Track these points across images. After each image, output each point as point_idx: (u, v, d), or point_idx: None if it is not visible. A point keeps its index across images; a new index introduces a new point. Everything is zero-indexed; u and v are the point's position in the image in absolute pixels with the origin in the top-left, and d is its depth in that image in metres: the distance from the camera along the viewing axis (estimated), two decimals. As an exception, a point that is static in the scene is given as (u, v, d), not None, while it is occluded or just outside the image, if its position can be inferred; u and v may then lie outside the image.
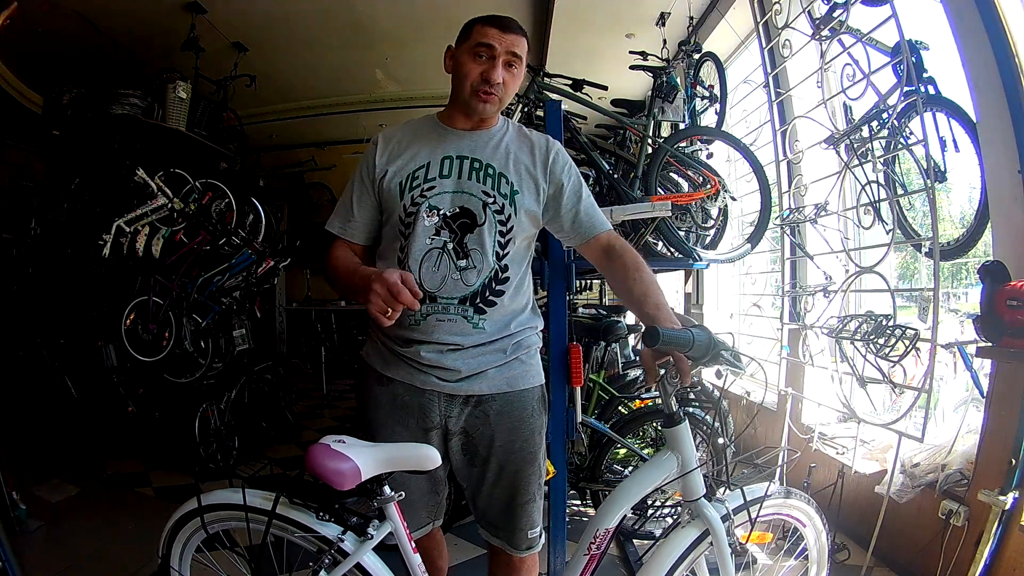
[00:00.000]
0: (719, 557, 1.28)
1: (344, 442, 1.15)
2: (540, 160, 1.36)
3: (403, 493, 1.21)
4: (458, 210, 1.29)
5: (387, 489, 1.19)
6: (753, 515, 1.31)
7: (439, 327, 1.27)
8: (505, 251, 1.31)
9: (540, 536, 1.42)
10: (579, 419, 1.84)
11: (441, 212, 1.28)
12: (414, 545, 1.25)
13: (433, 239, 1.27)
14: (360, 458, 1.12)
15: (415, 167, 1.32)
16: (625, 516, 1.35)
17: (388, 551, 1.24)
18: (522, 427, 1.35)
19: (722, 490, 1.36)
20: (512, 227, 1.31)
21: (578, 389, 1.80)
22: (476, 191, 1.30)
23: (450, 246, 1.27)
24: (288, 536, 1.24)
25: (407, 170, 1.32)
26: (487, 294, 1.29)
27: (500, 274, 1.30)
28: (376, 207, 1.37)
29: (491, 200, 1.29)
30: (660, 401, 1.28)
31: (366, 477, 1.13)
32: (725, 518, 1.29)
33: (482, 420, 1.33)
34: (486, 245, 1.28)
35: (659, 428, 1.88)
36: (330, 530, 1.20)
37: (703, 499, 1.28)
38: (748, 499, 1.33)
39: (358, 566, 1.20)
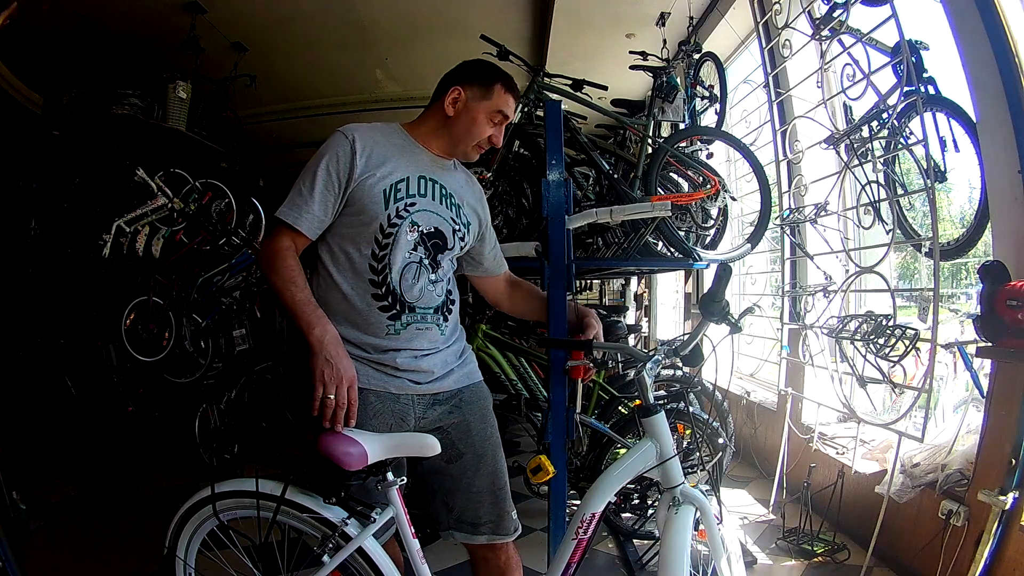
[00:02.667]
0: (710, 535, 1.33)
1: (353, 431, 1.24)
2: (479, 198, 1.52)
3: (405, 478, 1.28)
4: (432, 230, 1.37)
5: (391, 475, 1.25)
6: None
7: (418, 335, 1.34)
8: (454, 270, 1.46)
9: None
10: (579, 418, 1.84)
11: (420, 229, 1.35)
12: (414, 530, 1.29)
13: (412, 253, 1.34)
14: (368, 443, 1.20)
15: (397, 179, 1.33)
16: (609, 502, 1.42)
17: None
18: (488, 415, 1.46)
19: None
20: (462, 253, 1.47)
21: (579, 386, 1.80)
22: (447, 216, 1.40)
23: (426, 261, 1.35)
24: (294, 523, 1.28)
25: (390, 179, 1.32)
26: (448, 304, 1.41)
27: (452, 289, 1.44)
28: (335, 205, 1.31)
29: (457, 228, 1.41)
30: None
31: (372, 460, 1.20)
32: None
33: (456, 414, 1.40)
34: (450, 264, 1.42)
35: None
36: (335, 514, 1.24)
37: (686, 484, 1.33)
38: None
39: (360, 551, 1.24)
